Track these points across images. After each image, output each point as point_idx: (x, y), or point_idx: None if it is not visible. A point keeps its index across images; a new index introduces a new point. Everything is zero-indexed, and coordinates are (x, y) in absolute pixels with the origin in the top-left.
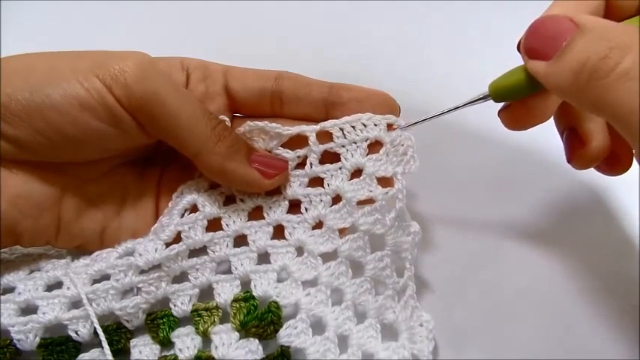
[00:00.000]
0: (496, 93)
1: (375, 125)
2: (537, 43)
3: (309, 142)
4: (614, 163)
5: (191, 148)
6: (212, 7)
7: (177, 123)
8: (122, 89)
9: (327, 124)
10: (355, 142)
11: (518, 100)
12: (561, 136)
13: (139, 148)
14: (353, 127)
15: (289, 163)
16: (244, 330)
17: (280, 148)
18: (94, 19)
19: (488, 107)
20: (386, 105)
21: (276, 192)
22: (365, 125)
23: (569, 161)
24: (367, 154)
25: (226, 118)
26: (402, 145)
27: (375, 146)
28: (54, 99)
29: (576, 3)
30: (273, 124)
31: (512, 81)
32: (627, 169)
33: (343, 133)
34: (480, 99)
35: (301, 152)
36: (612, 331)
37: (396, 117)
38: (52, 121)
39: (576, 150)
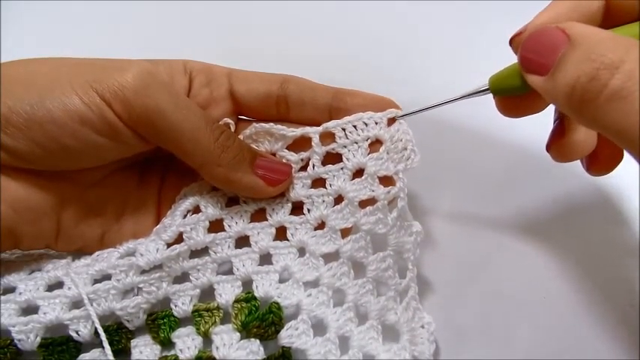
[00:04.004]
0: (496, 90)
1: (376, 124)
2: (532, 57)
3: (313, 143)
4: (594, 162)
5: (195, 160)
6: (213, 7)
7: (179, 136)
8: (122, 104)
9: (330, 125)
10: (357, 142)
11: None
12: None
13: (139, 153)
14: (354, 126)
15: (293, 166)
16: (245, 330)
17: (285, 150)
18: (95, 20)
19: (490, 108)
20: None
21: (280, 195)
22: (366, 124)
23: (547, 149)
24: (368, 154)
25: (231, 122)
26: (401, 140)
27: (376, 145)
28: (54, 113)
29: (574, 3)
30: (279, 126)
31: (510, 82)
32: (608, 172)
33: (345, 134)
34: (480, 92)
35: (305, 155)
36: (612, 331)
37: (396, 110)
38: (52, 134)
39: (555, 140)
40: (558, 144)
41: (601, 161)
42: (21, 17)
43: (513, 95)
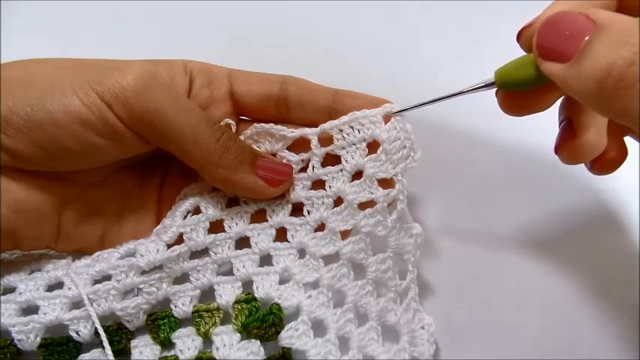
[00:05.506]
0: (503, 84)
1: (372, 123)
2: (552, 42)
3: (312, 145)
4: (599, 161)
5: (196, 161)
6: (213, 7)
7: (180, 137)
8: (122, 106)
9: (327, 126)
10: (354, 144)
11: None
12: (559, 126)
13: (140, 154)
14: (351, 127)
15: (294, 167)
16: (246, 331)
17: (285, 151)
18: (95, 20)
19: (492, 110)
20: None
21: (280, 196)
22: (362, 124)
23: (555, 151)
24: (367, 155)
25: (232, 122)
26: (399, 138)
27: (375, 145)
28: (55, 115)
29: (582, 2)
30: (279, 127)
31: (520, 74)
32: (612, 171)
33: (342, 135)
34: (484, 86)
35: (305, 156)
36: (612, 331)
37: (391, 105)
38: (53, 136)
39: (565, 141)
40: (568, 145)
41: (606, 160)
42: (21, 17)
43: (519, 90)
